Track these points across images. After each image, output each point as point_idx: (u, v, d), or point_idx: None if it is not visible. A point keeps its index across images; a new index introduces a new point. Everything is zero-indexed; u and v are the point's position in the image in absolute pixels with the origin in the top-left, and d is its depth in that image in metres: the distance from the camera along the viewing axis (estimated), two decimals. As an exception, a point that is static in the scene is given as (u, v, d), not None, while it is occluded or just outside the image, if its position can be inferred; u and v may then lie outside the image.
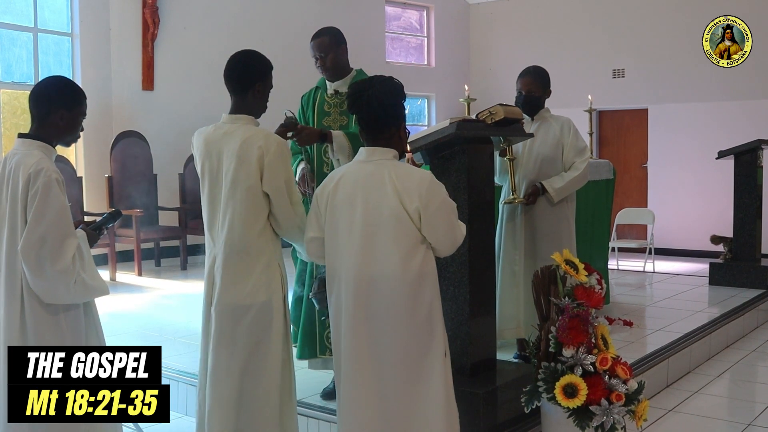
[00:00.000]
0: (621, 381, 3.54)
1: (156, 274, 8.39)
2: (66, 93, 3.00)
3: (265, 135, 3.10)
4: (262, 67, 3.22)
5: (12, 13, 8.42)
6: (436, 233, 2.87)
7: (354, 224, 2.88)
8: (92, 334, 3.02)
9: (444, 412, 2.89)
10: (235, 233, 3.07)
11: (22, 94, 8.51)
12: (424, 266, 2.87)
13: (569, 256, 3.76)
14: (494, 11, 12.40)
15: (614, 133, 11.57)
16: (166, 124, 9.11)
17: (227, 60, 3.21)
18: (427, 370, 2.86)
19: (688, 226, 10.50)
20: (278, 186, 3.06)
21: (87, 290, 2.89)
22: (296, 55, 9.83)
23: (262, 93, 3.19)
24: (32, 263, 2.79)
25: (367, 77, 3.17)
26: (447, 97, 12.25)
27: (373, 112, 2.91)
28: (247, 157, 3.04)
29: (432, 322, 2.88)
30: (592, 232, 6.19)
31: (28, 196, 2.81)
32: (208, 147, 3.16)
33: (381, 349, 2.85)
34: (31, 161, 2.84)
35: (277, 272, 3.15)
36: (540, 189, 4.62)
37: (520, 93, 4.75)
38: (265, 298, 3.08)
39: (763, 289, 7.32)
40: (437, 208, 2.84)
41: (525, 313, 4.58)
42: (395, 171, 2.86)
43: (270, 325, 3.10)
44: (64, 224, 2.84)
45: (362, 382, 2.88)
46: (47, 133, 2.95)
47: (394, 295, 2.82)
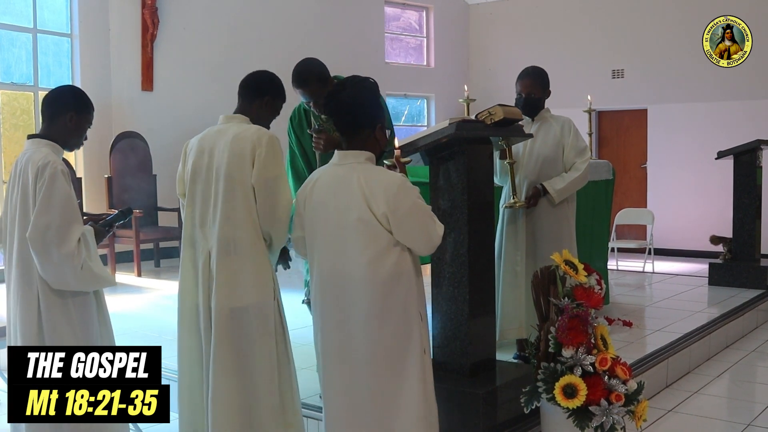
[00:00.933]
0: (620, 381, 3.54)
1: (155, 275, 8.39)
2: (77, 98, 3.22)
3: (257, 129, 3.12)
4: (280, 88, 3.31)
5: (11, 14, 8.41)
6: (409, 237, 2.87)
7: (327, 227, 2.92)
8: (104, 330, 3.17)
9: (422, 411, 2.89)
10: (227, 230, 3.07)
11: (21, 95, 8.51)
12: (398, 267, 2.86)
13: (569, 256, 3.76)
14: (494, 11, 12.40)
15: (614, 133, 11.57)
16: (165, 124, 9.11)
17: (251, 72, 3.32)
18: (405, 369, 2.86)
19: (688, 227, 10.50)
20: (266, 180, 3.05)
21: (93, 277, 3.04)
22: (296, 56, 9.83)
23: (269, 107, 3.27)
24: (39, 248, 2.94)
25: (341, 79, 3.18)
26: (446, 98, 12.25)
27: (346, 114, 2.93)
28: (239, 151, 3.06)
29: (408, 321, 2.88)
30: (592, 233, 6.19)
31: (37, 187, 2.98)
32: (201, 145, 3.20)
33: (357, 350, 2.87)
34: (39, 156, 3.04)
35: (269, 271, 3.17)
36: (541, 190, 4.63)
37: (520, 95, 4.75)
38: (259, 299, 3.11)
39: (762, 289, 7.33)
40: (406, 213, 2.84)
41: (527, 313, 4.58)
42: (364, 175, 2.86)
43: (265, 326, 3.11)
44: (69, 211, 3.00)
45: (340, 382, 2.91)
46: (55, 133, 3.15)
47: (366, 296, 2.84)
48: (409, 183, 2.91)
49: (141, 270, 8.16)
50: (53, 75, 8.75)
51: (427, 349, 2.98)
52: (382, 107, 3.06)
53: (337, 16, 10.87)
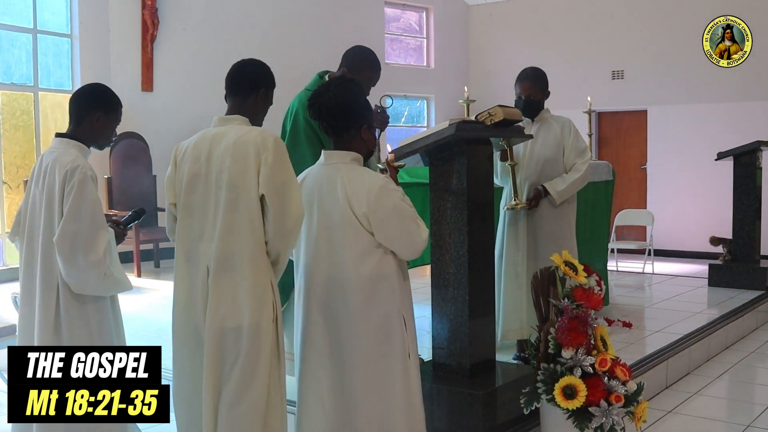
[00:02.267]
0: (620, 382, 3.54)
1: (155, 275, 8.39)
2: (104, 97, 3.20)
3: (260, 132, 2.84)
4: (271, 77, 3.07)
5: (11, 15, 8.41)
6: (390, 239, 2.86)
7: (311, 227, 2.92)
8: (118, 333, 3.18)
9: (404, 415, 2.87)
10: (228, 243, 2.79)
11: (21, 96, 8.50)
12: (380, 269, 2.85)
13: (568, 257, 3.76)
14: (494, 12, 12.40)
15: (613, 134, 11.57)
16: (165, 125, 9.11)
17: (234, 65, 3.06)
18: (386, 373, 2.85)
19: (688, 228, 10.50)
20: (275, 186, 2.76)
21: (114, 283, 3.05)
22: (296, 56, 9.84)
23: (265, 100, 3.03)
24: (66, 254, 2.93)
25: (326, 81, 3.14)
26: (446, 99, 12.25)
27: (330, 116, 2.93)
28: (242, 156, 2.78)
29: (390, 324, 2.87)
30: (592, 234, 6.19)
31: (65, 191, 2.97)
32: (196, 151, 2.89)
33: (338, 351, 2.86)
34: (68, 159, 3.02)
35: (269, 290, 2.84)
36: (542, 192, 4.64)
37: (520, 97, 4.75)
38: (254, 320, 2.78)
39: (762, 290, 7.33)
40: (387, 215, 2.83)
41: (528, 314, 4.58)
42: (347, 175, 2.87)
43: (258, 349, 2.79)
44: (98, 218, 3.01)
45: (318, 384, 2.89)
46: (83, 133, 3.15)
47: (347, 297, 2.84)
48: (392, 184, 2.91)
49: (141, 270, 8.16)
50: (53, 75, 8.75)
51: (413, 354, 2.95)
52: (368, 108, 3.03)
53: (337, 17, 10.86)
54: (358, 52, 4.26)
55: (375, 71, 4.22)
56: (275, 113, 3.48)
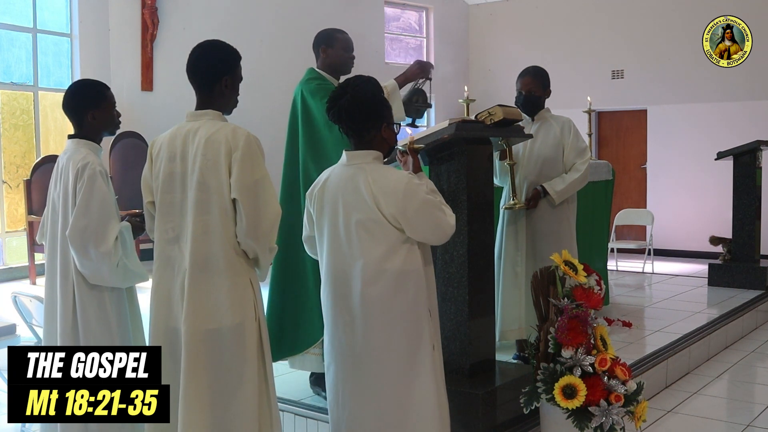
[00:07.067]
0: (620, 382, 3.54)
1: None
2: (89, 94, 3.28)
3: (232, 129, 2.76)
4: (229, 57, 2.90)
5: (11, 14, 8.41)
6: (421, 233, 2.90)
7: (336, 227, 2.92)
8: (135, 325, 3.29)
9: (435, 406, 2.91)
10: (202, 245, 2.74)
11: (21, 95, 8.50)
12: (406, 265, 2.88)
13: (568, 257, 3.76)
14: (494, 12, 12.40)
15: (613, 134, 11.57)
16: (165, 124, 8.96)
17: (189, 54, 2.94)
18: (416, 365, 2.88)
19: (687, 227, 10.50)
20: (247, 185, 2.70)
21: (128, 274, 3.17)
22: (296, 56, 9.84)
23: (231, 87, 2.88)
24: (78, 246, 3.08)
25: (342, 82, 3.02)
26: (446, 98, 12.25)
27: (350, 119, 2.92)
28: (213, 155, 2.72)
29: (417, 319, 2.90)
30: (591, 233, 6.19)
31: (77, 187, 3.12)
32: (171, 149, 2.85)
33: (366, 350, 2.87)
34: (79, 157, 3.17)
35: (249, 289, 2.81)
36: (541, 192, 4.63)
37: (520, 93, 4.75)
38: (236, 320, 2.75)
39: (761, 290, 7.33)
40: (416, 211, 2.86)
41: (527, 314, 4.58)
42: (372, 175, 2.87)
43: (243, 350, 2.76)
44: (107, 211, 3.12)
45: (352, 379, 2.91)
46: (87, 132, 3.28)
47: (374, 294, 2.85)
48: (415, 180, 2.92)
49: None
50: (53, 75, 8.75)
51: (437, 346, 3.00)
52: (386, 105, 3.01)
53: (337, 17, 10.84)
54: (319, 33, 4.33)
55: (341, 33, 4.27)
56: (274, 114, 3.48)
